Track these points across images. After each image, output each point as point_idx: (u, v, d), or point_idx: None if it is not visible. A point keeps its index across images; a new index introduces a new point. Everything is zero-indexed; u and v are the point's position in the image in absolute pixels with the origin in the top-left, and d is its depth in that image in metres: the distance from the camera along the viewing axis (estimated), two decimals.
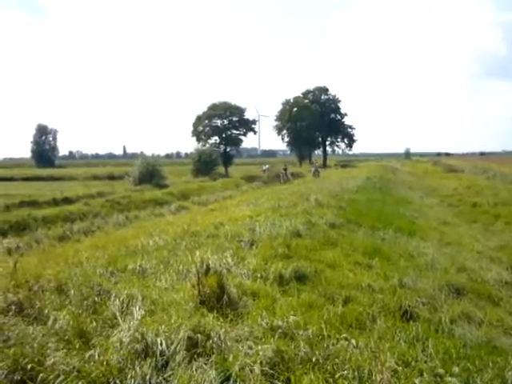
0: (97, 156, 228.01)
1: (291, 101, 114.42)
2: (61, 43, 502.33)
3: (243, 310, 7.74)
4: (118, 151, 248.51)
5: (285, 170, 61.44)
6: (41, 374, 5.43)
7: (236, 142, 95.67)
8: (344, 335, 6.83)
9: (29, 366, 5.55)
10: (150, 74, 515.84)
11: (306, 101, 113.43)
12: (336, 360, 6.01)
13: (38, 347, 5.96)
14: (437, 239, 17.13)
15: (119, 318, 7.12)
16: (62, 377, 5.30)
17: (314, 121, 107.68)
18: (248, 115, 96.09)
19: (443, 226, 21.74)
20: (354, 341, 6.57)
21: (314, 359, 5.97)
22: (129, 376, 5.40)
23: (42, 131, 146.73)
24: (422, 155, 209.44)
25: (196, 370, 5.53)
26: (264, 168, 72.34)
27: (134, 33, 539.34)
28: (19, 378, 5.47)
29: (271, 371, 5.68)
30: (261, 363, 5.70)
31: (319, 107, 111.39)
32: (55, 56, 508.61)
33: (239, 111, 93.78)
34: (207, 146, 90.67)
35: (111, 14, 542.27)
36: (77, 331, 6.67)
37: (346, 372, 5.76)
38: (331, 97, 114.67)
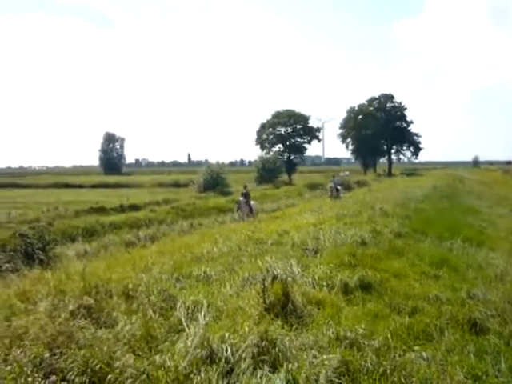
0: (162, 164, 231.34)
1: (356, 108, 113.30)
2: (127, 53, 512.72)
3: (308, 319, 7.70)
4: (183, 159, 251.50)
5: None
6: (110, 376, 5.55)
7: (300, 149, 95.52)
8: (411, 347, 6.72)
9: (98, 368, 5.69)
10: (215, 82, 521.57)
11: (371, 108, 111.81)
12: (403, 372, 5.91)
13: (107, 350, 6.10)
14: (507, 250, 16.59)
15: (185, 323, 7.20)
16: (130, 380, 5.39)
17: (379, 129, 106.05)
18: (312, 123, 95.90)
19: None
20: (422, 353, 6.44)
21: (380, 370, 5.88)
22: (194, 382, 5.44)
23: (110, 139, 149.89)
24: (491, 163, 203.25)
25: (261, 378, 5.52)
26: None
27: (199, 40, 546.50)
28: (89, 379, 5.60)
29: (337, 381, 5.62)
30: (326, 373, 5.65)
31: (384, 115, 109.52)
32: (122, 65, 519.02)
33: (303, 119, 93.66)
34: (271, 153, 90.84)
35: (176, 24, 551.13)
36: (144, 336, 6.78)
37: None
38: (397, 104, 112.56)
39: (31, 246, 23.36)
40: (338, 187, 41.61)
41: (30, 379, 5.51)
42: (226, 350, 6.04)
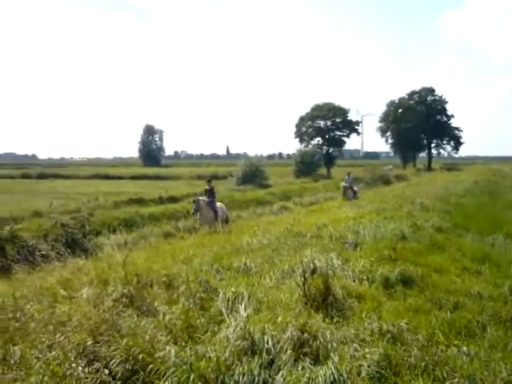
0: (201, 156, 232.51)
1: (396, 102, 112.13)
2: (164, 45, 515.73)
3: (348, 312, 7.67)
4: (222, 152, 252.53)
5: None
6: (152, 365, 5.62)
7: (339, 143, 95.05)
8: (453, 342, 6.64)
9: (140, 357, 5.76)
10: (254, 75, 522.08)
11: (412, 102, 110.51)
12: (446, 367, 5.85)
13: (149, 339, 6.17)
14: None
15: (225, 314, 7.22)
16: (172, 369, 5.44)
17: (419, 122, 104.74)
18: (351, 116, 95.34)
19: None
20: (464, 348, 6.36)
21: (423, 365, 5.83)
22: (236, 372, 5.46)
23: (149, 131, 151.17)
24: None
25: (303, 370, 5.52)
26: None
27: (239, 33, 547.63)
28: (131, 367, 5.68)
29: (378, 375, 5.59)
30: (368, 366, 5.63)
31: (425, 108, 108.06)
32: (161, 58, 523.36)
33: (342, 112, 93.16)
34: (310, 147, 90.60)
35: (214, 17, 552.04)
36: (185, 326, 6.84)
37: (456, 380, 5.59)
38: (437, 98, 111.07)
39: (72, 236, 23.77)
40: (355, 188, 36.31)
41: (73, 365, 5.60)
42: (267, 342, 6.04)
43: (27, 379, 5.49)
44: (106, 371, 5.60)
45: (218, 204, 25.39)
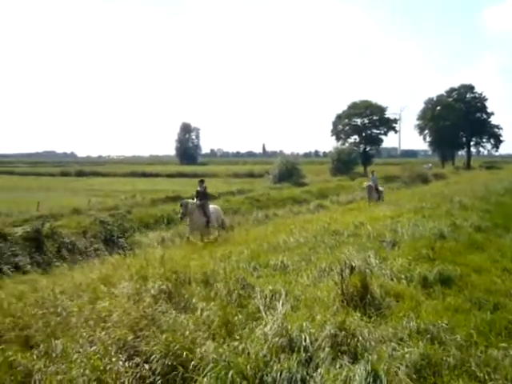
0: (237, 154, 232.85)
1: (434, 99, 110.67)
2: (199, 41, 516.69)
3: (386, 311, 7.63)
4: (258, 149, 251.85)
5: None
6: (192, 362, 5.68)
7: (376, 141, 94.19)
8: (494, 343, 6.55)
9: (180, 352, 5.83)
10: (291, 73, 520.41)
11: (450, 99, 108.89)
12: (487, 368, 5.76)
13: (188, 335, 6.25)
14: None
15: (263, 312, 7.25)
16: (211, 365, 5.47)
17: (458, 120, 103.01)
18: (388, 114, 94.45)
19: None
20: (507, 350, 6.26)
21: (463, 365, 5.77)
22: (274, 369, 5.47)
23: (186, 130, 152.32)
24: None
25: (341, 368, 5.51)
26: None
27: (274, 30, 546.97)
28: (170, 362, 5.74)
29: (417, 375, 5.55)
30: (407, 366, 5.59)
31: (464, 106, 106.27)
32: (196, 54, 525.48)
33: (380, 110, 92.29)
34: (346, 145, 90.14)
35: (250, 13, 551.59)
36: (223, 322, 6.89)
37: (499, 382, 5.51)
38: (477, 95, 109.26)
39: (111, 233, 24.13)
40: (380, 188, 34.10)
41: (114, 360, 5.70)
42: (305, 339, 6.04)
43: (69, 372, 5.60)
44: (147, 366, 5.69)
45: (212, 207, 22.41)
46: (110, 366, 5.60)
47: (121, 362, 5.69)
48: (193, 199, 21.88)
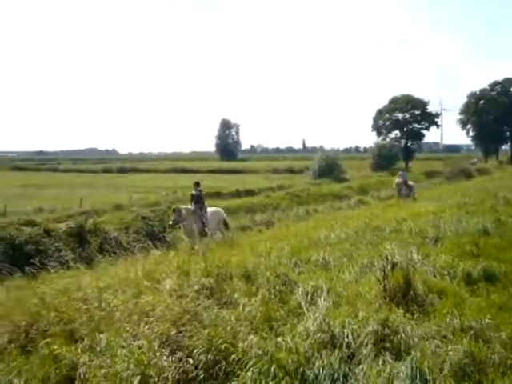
0: (277, 150, 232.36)
1: (477, 93, 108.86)
2: (236, 38, 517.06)
3: (429, 308, 7.54)
4: (298, 145, 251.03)
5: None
6: (233, 356, 5.71)
7: (417, 136, 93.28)
8: None
9: (222, 347, 5.87)
10: (329, 67, 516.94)
11: (493, 93, 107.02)
12: None
13: (230, 330, 6.29)
14: None
15: (305, 307, 7.24)
16: (254, 360, 5.50)
17: (502, 114, 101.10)
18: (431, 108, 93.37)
19: None
20: None
21: (508, 363, 5.67)
22: (316, 364, 5.47)
23: (226, 126, 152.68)
24: None
25: (384, 365, 5.48)
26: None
27: (309, 24, 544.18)
28: (213, 357, 5.79)
29: (461, 372, 5.49)
30: (450, 363, 5.53)
31: (508, 100, 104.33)
32: (234, 50, 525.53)
33: (421, 104, 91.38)
34: (387, 140, 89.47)
35: (289, 6, 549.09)
36: (265, 318, 6.91)
37: None
38: None
39: (152, 228, 24.42)
40: (410, 183, 32.07)
41: (157, 354, 5.77)
42: (347, 336, 6.03)
43: (113, 366, 5.68)
44: (190, 361, 5.73)
45: (211, 209, 21.37)
46: (154, 360, 5.67)
47: (164, 357, 5.75)
48: (200, 200, 20.78)
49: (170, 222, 20.36)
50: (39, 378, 5.99)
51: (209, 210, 20.85)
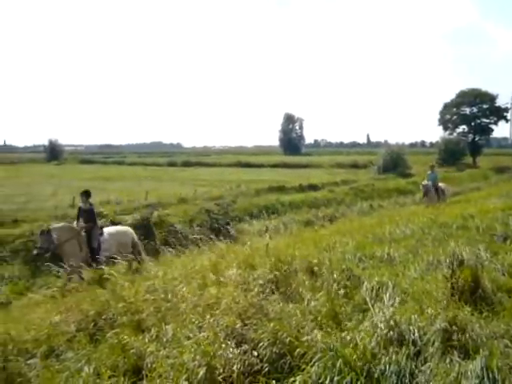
0: (341, 144, 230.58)
1: None
2: (304, 31, 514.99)
3: (498, 307, 7.37)
4: (362, 140, 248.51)
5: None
6: (298, 350, 5.72)
7: (486, 131, 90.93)
8: None
9: (287, 341, 5.89)
10: (393, 61, 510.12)
11: None
12: None
13: (295, 324, 6.31)
14: None
15: (370, 304, 7.19)
16: (319, 354, 5.49)
17: None
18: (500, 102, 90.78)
19: None
20: None
21: None
22: (382, 361, 5.43)
23: (290, 120, 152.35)
24: None
25: (451, 363, 5.39)
26: None
27: (373, 19, 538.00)
28: (278, 350, 5.82)
29: None
30: None
31: None
32: (299, 44, 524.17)
33: (490, 98, 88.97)
34: (454, 134, 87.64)
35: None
36: (329, 313, 6.90)
37: None
38: None
39: (217, 221, 24.67)
40: (442, 185, 28.80)
41: (223, 346, 5.84)
42: (414, 333, 5.96)
43: (180, 357, 5.78)
44: (255, 353, 5.79)
45: (109, 231, 16.48)
46: (220, 351, 5.73)
47: (230, 349, 5.81)
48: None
49: (35, 252, 15.26)
50: (108, 366, 6.12)
51: (106, 230, 16.42)
